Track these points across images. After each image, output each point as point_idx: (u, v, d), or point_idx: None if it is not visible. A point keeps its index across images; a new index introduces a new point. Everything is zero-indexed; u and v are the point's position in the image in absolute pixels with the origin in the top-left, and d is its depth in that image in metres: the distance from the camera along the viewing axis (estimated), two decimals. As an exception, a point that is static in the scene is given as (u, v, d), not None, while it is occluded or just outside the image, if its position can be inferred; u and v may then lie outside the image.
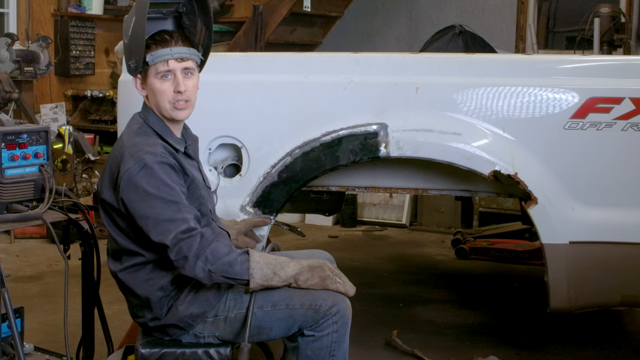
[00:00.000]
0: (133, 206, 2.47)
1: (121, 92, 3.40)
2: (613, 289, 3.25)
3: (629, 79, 3.12)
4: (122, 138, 2.62)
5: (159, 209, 2.44)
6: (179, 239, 2.42)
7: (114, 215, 2.58)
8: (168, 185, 2.46)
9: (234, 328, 2.61)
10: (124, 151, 2.53)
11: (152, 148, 2.51)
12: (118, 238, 2.61)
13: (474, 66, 3.26)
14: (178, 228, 2.42)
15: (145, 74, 2.59)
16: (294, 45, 7.71)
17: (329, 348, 2.57)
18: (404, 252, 6.06)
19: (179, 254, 2.42)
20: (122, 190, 2.48)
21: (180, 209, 2.46)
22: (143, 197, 2.45)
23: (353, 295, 2.60)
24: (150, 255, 2.58)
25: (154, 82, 2.57)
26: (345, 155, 3.16)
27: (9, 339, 2.82)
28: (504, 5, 7.52)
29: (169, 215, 2.44)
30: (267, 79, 3.24)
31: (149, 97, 2.63)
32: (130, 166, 2.47)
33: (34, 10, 6.77)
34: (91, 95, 6.90)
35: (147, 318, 2.62)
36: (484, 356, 3.70)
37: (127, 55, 2.60)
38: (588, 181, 3.17)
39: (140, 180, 2.45)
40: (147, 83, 2.60)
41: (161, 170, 2.47)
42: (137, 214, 2.47)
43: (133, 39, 2.56)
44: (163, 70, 2.56)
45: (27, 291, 4.82)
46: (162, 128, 2.61)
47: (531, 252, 5.43)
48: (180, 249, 2.42)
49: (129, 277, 2.61)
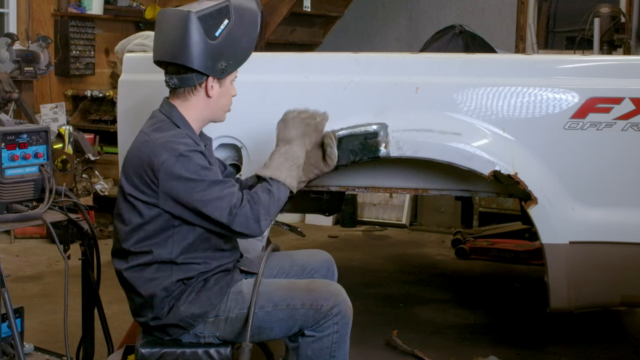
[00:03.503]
0: (179, 196, 2.52)
1: (121, 92, 3.40)
2: (613, 289, 3.25)
3: (629, 79, 3.12)
4: (145, 133, 2.63)
5: (205, 192, 2.51)
6: (235, 214, 2.51)
7: (141, 208, 2.57)
8: (206, 167, 2.54)
9: (234, 328, 2.61)
10: (153, 145, 2.54)
11: (182, 139, 2.56)
12: (130, 236, 2.59)
13: (474, 66, 3.26)
14: (229, 204, 2.51)
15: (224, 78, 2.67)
16: (294, 45, 7.72)
17: (330, 349, 2.57)
18: (404, 252, 6.06)
19: (241, 226, 2.53)
20: (162, 183, 2.52)
21: (224, 186, 2.54)
22: (187, 185, 2.50)
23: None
24: (159, 253, 2.58)
25: (231, 87, 2.70)
26: (345, 155, 3.16)
27: (9, 339, 2.82)
28: (504, 5, 7.52)
29: (215, 194, 2.51)
30: (267, 79, 3.24)
31: (215, 99, 2.68)
32: (166, 158, 2.50)
33: (34, 10, 6.76)
34: (91, 95, 6.90)
35: (148, 317, 2.63)
36: (484, 356, 3.70)
37: (216, 56, 2.61)
38: (588, 181, 3.17)
39: (179, 169, 2.50)
40: (223, 87, 2.67)
41: (196, 156, 2.53)
42: (185, 201, 2.52)
43: (236, 42, 2.64)
44: (235, 76, 2.72)
45: (27, 291, 4.82)
46: (185, 126, 2.65)
47: (531, 252, 5.44)
48: (239, 221, 2.52)
49: (134, 275, 2.62)
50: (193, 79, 2.62)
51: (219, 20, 2.60)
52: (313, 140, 2.80)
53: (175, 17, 2.62)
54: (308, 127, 2.78)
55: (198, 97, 2.65)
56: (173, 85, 2.65)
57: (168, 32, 2.64)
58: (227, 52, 2.62)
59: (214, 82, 2.64)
